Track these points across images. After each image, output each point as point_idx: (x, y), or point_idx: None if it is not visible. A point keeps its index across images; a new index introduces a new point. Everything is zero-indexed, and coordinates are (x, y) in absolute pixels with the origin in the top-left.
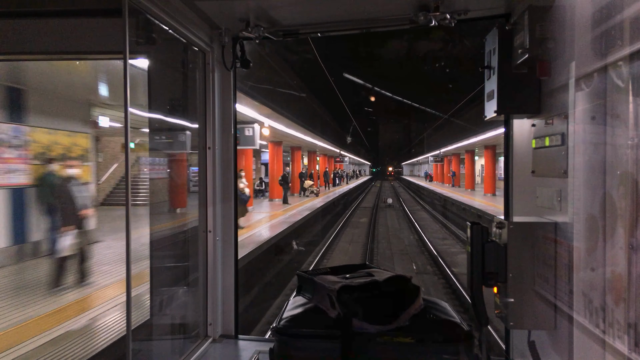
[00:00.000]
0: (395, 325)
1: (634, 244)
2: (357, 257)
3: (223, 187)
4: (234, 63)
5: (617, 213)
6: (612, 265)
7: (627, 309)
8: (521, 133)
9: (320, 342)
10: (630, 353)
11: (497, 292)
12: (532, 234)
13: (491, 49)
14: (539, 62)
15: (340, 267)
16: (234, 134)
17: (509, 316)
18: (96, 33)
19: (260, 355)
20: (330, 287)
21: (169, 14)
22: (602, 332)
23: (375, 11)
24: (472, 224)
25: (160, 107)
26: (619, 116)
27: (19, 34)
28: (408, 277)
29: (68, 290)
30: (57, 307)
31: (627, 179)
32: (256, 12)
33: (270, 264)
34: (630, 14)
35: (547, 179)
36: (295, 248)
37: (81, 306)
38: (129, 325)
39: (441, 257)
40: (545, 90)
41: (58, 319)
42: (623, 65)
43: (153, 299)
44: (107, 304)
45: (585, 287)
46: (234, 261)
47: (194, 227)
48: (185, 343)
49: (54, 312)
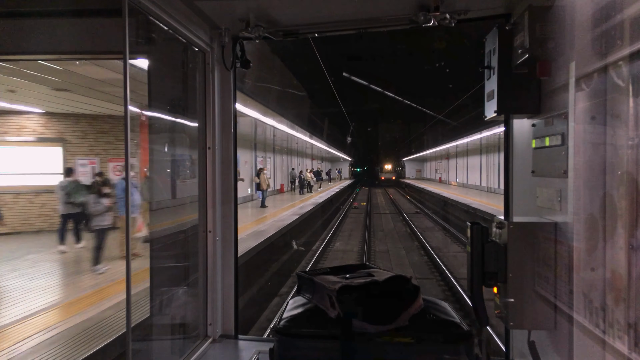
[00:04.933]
0: (395, 325)
1: (634, 244)
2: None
3: (223, 187)
4: (233, 63)
5: (617, 213)
6: (612, 265)
7: (627, 309)
8: (521, 133)
9: (320, 342)
10: (630, 353)
11: (497, 292)
12: (532, 234)
13: (491, 49)
14: (539, 62)
15: (340, 267)
16: (234, 134)
17: (509, 316)
18: (96, 33)
19: (260, 355)
20: (330, 287)
21: (169, 13)
22: (602, 332)
23: (375, 11)
24: (472, 224)
25: (160, 107)
26: (619, 116)
27: (19, 34)
28: (408, 277)
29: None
30: None
31: (627, 179)
32: (256, 12)
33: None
34: (630, 14)
35: (547, 179)
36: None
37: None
38: (128, 324)
39: None
40: (545, 90)
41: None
42: (623, 65)
43: (153, 298)
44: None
45: (585, 287)
46: (233, 261)
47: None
48: (185, 343)
49: None
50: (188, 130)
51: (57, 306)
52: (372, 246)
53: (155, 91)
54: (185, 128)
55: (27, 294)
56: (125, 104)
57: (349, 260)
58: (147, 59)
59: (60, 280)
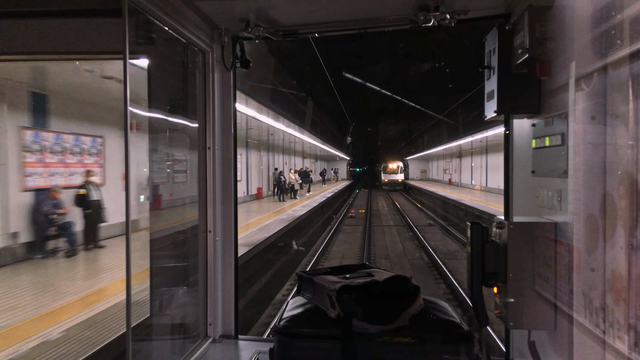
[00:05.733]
0: (395, 325)
1: (634, 244)
2: None
3: (223, 187)
4: (233, 63)
5: (617, 213)
6: (612, 265)
7: (627, 309)
8: (521, 133)
9: (320, 342)
10: (630, 353)
11: (497, 292)
12: (532, 234)
13: (491, 49)
14: (539, 62)
15: (340, 267)
16: (234, 134)
17: (509, 316)
18: (96, 33)
19: (260, 355)
20: (330, 287)
21: (169, 14)
22: (602, 332)
23: (375, 11)
24: (472, 224)
25: (160, 107)
26: (619, 116)
27: (18, 34)
28: (408, 277)
29: None
30: None
31: (627, 179)
32: (256, 12)
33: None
34: (630, 14)
35: (547, 179)
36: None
37: None
38: (128, 324)
39: None
40: (545, 90)
41: None
42: (623, 65)
43: (153, 299)
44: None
45: (585, 287)
46: (234, 261)
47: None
48: (185, 343)
49: None
50: (188, 130)
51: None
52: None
53: (155, 91)
54: (185, 128)
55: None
56: (125, 104)
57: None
58: (147, 59)
59: None
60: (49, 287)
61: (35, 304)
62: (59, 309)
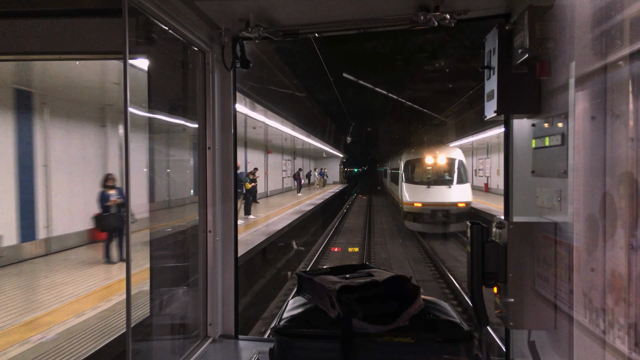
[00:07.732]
0: (395, 325)
1: (634, 244)
2: None
3: (223, 187)
4: (233, 63)
5: (617, 213)
6: (612, 265)
7: (627, 309)
8: (521, 133)
9: (320, 342)
10: (630, 353)
11: (497, 292)
12: (532, 234)
13: (491, 49)
14: (539, 62)
15: (340, 267)
16: (234, 134)
17: (509, 316)
18: (96, 33)
19: (260, 356)
20: (330, 287)
21: (169, 14)
22: (602, 332)
23: (375, 11)
24: (472, 224)
25: (160, 107)
26: (619, 116)
27: (19, 34)
28: (408, 277)
29: None
30: None
31: (627, 179)
32: (256, 12)
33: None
34: (630, 14)
35: (547, 179)
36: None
37: None
38: (128, 324)
39: None
40: (545, 90)
41: None
42: (623, 65)
43: (153, 299)
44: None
45: (585, 287)
46: (233, 261)
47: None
48: (185, 343)
49: None
50: (188, 130)
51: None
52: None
53: (155, 91)
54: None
55: None
56: (125, 104)
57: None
58: (147, 59)
59: None
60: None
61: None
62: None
